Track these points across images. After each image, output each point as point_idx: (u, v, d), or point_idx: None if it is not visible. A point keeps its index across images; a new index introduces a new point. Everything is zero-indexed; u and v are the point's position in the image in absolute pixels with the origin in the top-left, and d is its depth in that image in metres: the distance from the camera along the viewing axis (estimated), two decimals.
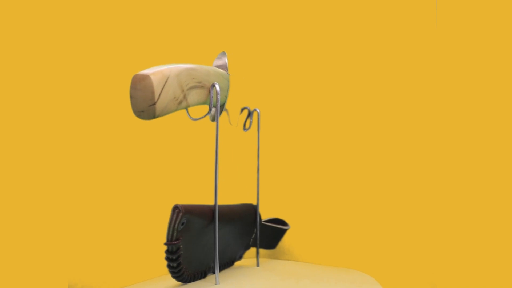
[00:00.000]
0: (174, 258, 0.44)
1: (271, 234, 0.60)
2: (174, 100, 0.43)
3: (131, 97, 0.41)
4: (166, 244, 0.44)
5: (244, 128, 0.55)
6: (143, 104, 0.41)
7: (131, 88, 0.41)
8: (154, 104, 0.41)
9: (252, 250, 0.62)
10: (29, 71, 0.45)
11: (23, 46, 0.45)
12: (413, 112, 0.58)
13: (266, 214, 0.60)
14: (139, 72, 0.41)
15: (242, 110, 0.55)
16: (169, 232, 0.44)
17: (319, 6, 0.65)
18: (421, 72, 0.58)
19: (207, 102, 0.47)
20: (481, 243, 0.53)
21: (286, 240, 0.65)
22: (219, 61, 0.51)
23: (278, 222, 0.63)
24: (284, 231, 0.62)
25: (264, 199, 0.61)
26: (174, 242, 0.44)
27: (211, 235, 0.47)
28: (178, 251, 0.44)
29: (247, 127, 0.55)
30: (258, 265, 0.57)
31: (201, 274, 0.48)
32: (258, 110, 0.55)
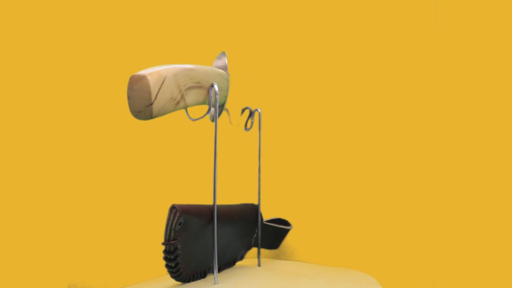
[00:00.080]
0: (172, 258, 0.44)
1: (273, 234, 0.60)
2: (171, 100, 0.43)
3: (128, 97, 0.41)
4: (163, 244, 0.44)
5: (246, 128, 0.55)
6: (140, 105, 0.41)
7: (128, 88, 0.41)
8: (151, 104, 0.41)
9: (255, 250, 0.62)
10: (27, 72, 0.46)
11: (21, 46, 0.45)
12: (413, 112, 0.58)
13: (267, 214, 0.60)
14: (136, 73, 0.41)
15: (244, 110, 0.55)
16: (166, 232, 0.44)
17: (319, 6, 0.65)
18: (421, 72, 0.58)
19: (206, 102, 0.47)
20: (481, 243, 0.52)
21: (287, 240, 0.64)
22: (218, 61, 0.51)
23: (281, 222, 0.62)
24: (286, 231, 0.62)
25: (265, 199, 0.60)
26: (171, 242, 0.44)
27: (210, 235, 0.47)
28: (175, 251, 0.44)
29: (249, 127, 0.55)
30: (259, 265, 0.56)
31: (200, 274, 0.48)
32: (260, 110, 0.55)
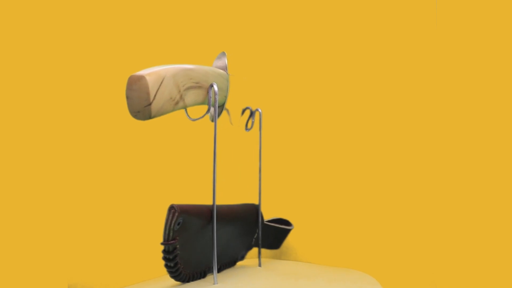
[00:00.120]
0: (171, 257, 0.44)
1: (273, 234, 0.60)
2: (170, 100, 0.43)
3: (127, 97, 0.41)
4: (162, 243, 0.44)
5: (246, 128, 0.55)
6: (139, 105, 0.41)
7: (127, 88, 0.41)
8: (150, 104, 0.41)
9: (256, 250, 0.62)
10: (26, 72, 0.46)
11: (20, 46, 0.45)
12: (413, 113, 0.58)
13: (267, 214, 0.60)
14: (134, 73, 0.41)
15: (244, 110, 0.55)
16: (165, 232, 0.44)
17: (320, 6, 0.65)
18: (422, 72, 0.58)
19: (206, 103, 0.47)
20: (481, 243, 0.52)
21: (288, 241, 0.64)
22: (218, 61, 0.52)
23: (282, 222, 0.62)
24: (287, 231, 0.62)
25: (266, 199, 0.60)
26: (170, 242, 0.44)
27: (210, 235, 0.47)
28: (174, 251, 0.44)
29: (249, 127, 0.55)
30: (260, 265, 0.56)
31: (200, 274, 0.48)
32: (260, 110, 0.55)
